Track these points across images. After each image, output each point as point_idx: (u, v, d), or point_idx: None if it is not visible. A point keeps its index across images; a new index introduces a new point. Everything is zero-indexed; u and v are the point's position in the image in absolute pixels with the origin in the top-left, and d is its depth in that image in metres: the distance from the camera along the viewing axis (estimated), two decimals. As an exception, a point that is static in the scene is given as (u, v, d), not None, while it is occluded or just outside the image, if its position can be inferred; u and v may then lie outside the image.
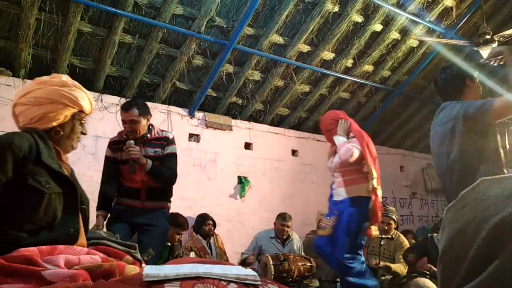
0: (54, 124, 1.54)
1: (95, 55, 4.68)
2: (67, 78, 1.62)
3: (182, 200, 5.10)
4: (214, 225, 4.82)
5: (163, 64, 5.08)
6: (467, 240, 0.54)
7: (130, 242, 1.60)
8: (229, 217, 5.56)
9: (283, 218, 4.94)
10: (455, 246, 0.56)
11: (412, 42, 6.04)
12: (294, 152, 6.48)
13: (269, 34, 5.10)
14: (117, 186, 3.18)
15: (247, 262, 4.65)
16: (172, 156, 3.28)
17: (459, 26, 6.03)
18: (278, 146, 6.24)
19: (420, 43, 6.07)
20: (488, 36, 4.68)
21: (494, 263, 0.49)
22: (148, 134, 3.19)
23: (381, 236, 4.15)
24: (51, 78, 1.59)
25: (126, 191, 3.16)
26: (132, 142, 3.00)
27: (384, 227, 4.38)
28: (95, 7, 4.22)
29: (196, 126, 5.57)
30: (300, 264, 4.28)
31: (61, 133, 1.57)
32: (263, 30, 5.12)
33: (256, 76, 5.60)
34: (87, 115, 1.69)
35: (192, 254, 4.31)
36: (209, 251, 4.58)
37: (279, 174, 6.16)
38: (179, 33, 4.78)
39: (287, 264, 4.18)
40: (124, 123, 3.10)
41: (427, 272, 3.95)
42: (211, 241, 4.72)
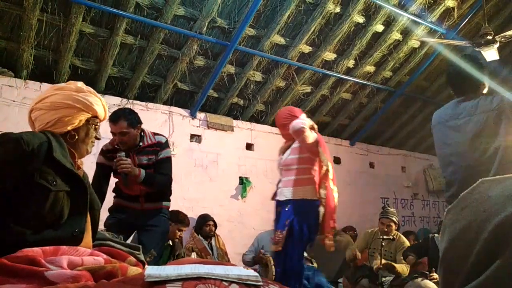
0: (69, 128, 1.59)
1: (97, 56, 4.69)
2: (82, 85, 1.68)
3: (183, 201, 5.10)
4: (215, 225, 4.82)
5: (165, 65, 5.09)
6: (468, 241, 0.54)
7: (133, 244, 1.61)
8: (230, 217, 5.56)
9: None
10: (457, 247, 0.56)
11: (413, 43, 6.04)
12: (295, 153, 6.47)
13: (270, 35, 5.10)
14: (105, 193, 3.11)
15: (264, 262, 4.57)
16: (166, 160, 3.15)
17: (461, 26, 6.02)
18: (279, 146, 6.23)
19: (422, 43, 6.07)
20: (489, 37, 4.67)
21: (496, 263, 0.49)
22: (140, 142, 3.08)
23: (382, 237, 4.16)
24: (68, 84, 1.65)
25: (125, 196, 3.14)
26: (123, 154, 2.93)
27: (384, 229, 4.38)
28: (97, 8, 4.23)
29: (197, 126, 5.57)
30: (301, 264, 4.27)
31: (76, 137, 1.61)
32: (265, 31, 5.13)
33: (258, 76, 5.60)
34: (101, 120, 1.73)
35: (193, 255, 4.32)
36: (210, 251, 4.58)
37: (281, 174, 6.15)
38: (181, 34, 4.79)
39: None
40: (113, 134, 3.01)
41: (427, 273, 3.95)
42: (212, 241, 4.73)
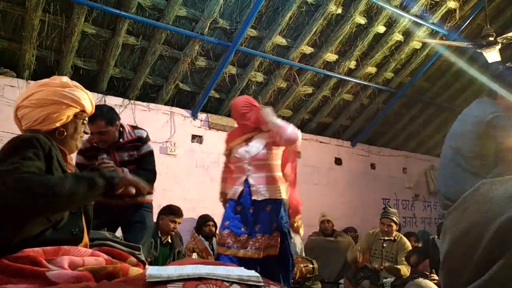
0: (57, 125, 1.56)
1: (98, 56, 4.70)
2: (67, 79, 1.63)
3: (184, 201, 5.10)
4: (215, 226, 4.82)
5: (166, 66, 5.09)
6: (471, 242, 0.54)
7: (133, 243, 1.61)
8: (231, 218, 5.55)
9: None
10: (459, 249, 0.56)
11: (415, 44, 6.03)
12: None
13: (272, 36, 5.11)
14: None
15: None
16: (148, 155, 3.05)
17: (462, 28, 6.02)
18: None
19: (423, 45, 6.06)
20: (491, 38, 4.68)
21: (498, 263, 0.49)
22: (120, 138, 2.97)
23: (384, 238, 4.15)
24: (52, 80, 1.60)
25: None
26: (105, 156, 2.87)
27: (385, 229, 4.38)
28: (99, 8, 4.23)
29: (199, 127, 5.58)
30: (302, 265, 4.28)
31: (64, 133, 1.58)
32: (266, 32, 5.13)
33: (259, 77, 5.61)
34: (88, 114, 1.70)
35: (194, 255, 4.32)
36: (211, 252, 4.58)
37: (282, 175, 6.15)
38: (183, 34, 4.80)
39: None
40: (91, 134, 2.86)
41: (427, 273, 3.94)
42: (214, 242, 4.73)
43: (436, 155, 7.91)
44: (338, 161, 6.99)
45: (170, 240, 4.12)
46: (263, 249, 2.72)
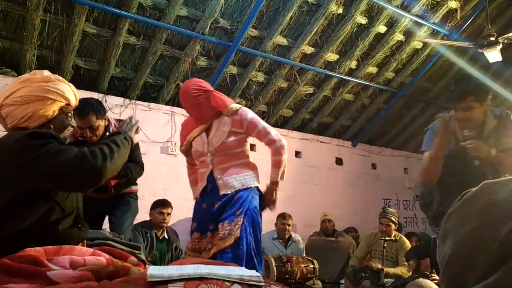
0: (44, 120, 1.55)
1: (99, 56, 4.70)
2: (48, 73, 1.61)
3: (185, 201, 5.09)
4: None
5: (167, 66, 5.09)
6: (475, 247, 0.53)
7: (134, 243, 1.61)
8: (232, 218, 5.55)
9: (283, 217, 5.00)
10: (462, 253, 0.55)
11: (416, 44, 6.03)
12: (297, 154, 6.47)
13: (273, 36, 5.10)
14: None
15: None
16: (136, 148, 3.05)
17: (464, 28, 6.01)
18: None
19: (424, 44, 6.06)
20: (492, 38, 4.68)
21: (504, 267, 0.48)
22: (106, 132, 2.96)
23: (384, 238, 4.15)
24: (33, 75, 1.58)
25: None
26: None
27: (383, 229, 4.38)
28: (100, 8, 4.24)
29: (199, 127, 5.57)
30: (302, 265, 4.28)
31: (51, 128, 1.57)
32: (267, 32, 5.13)
33: (260, 77, 5.60)
34: (73, 107, 1.69)
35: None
36: (212, 252, 4.58)
37: (283, 175, 6.14)
38: (183, 34, 4.80)
39: (289, 265, 4.17)
40: (80, 129, 2.83)
41: (428, 273, 3.93)
42: (214, 242, 4.73)
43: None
44: (339, 161, 6.99)
45: (166, 236, 4.14)
46: (224, 238, 2.36)
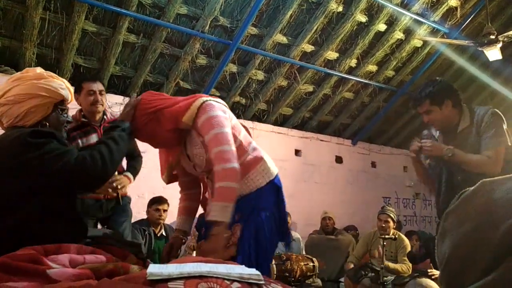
0: (39, 118, 1.54)
1: (99, 54, 4.70)
2: (41, 70, 1.60)
3: (185, 200, 5.11)
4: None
5: (167, 64, 5.09)
6: (474, 246, 0.53)
7: (134, 241, 1.61)
8: (232, 216, 5.55)
9: None
10: (461, 252, 0.55)
11: (416, 42, 6.03)
12: (297, 152, 6.48)
13: (273, 34, 5.10)
14: None
15: None
16: (135, 141, 3.05)
17: (464, 26, 6.01)
18: (281, 146, 6.24)
19: (424, 43, 6.06)
20: (492, 36, 4.67)
21: (503, 264, 0.48)
22: (104, 116, 2.85)
23: (384, 236, 4.15)
24: (25, 73, 1.57)
25: None
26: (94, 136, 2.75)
27: (382, 225, 4.38)
28: (99, 6, 4.23)
29: (199, 125, 5.56)
30: (302, 263, 4.29)
31: (47, 126, 1.57)
32: (267, 30, 5.12)
33: (260, 75, 5.60)
34: (68, 103, 1.68)
35: (194, 253, 4.32)
36: (212, 250, 4.58)
37: (282, 174, 6.08)
38: (183, 32, 4.79)
39: (289, 263, 4.18)
40: (89, 94, 2.68)
41: (427, 271, 3.94)
42: (214, 240, 4.73)
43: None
44: (339, 159, 6.99)
45: (164, 233, 4.14)
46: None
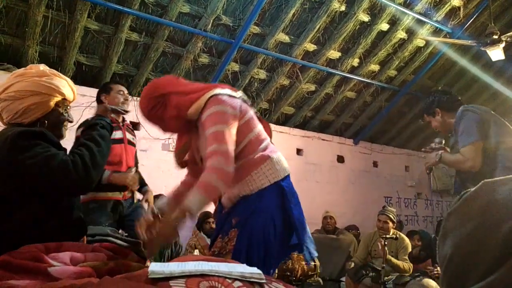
0: (39, 115, 1.53)
1: (101, 52, 4.70)
2: (44, 67, 1.59)
3: (186, 198, 5.11)
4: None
5: (169, 62, 5.09)
6: (477, 246, 0.53)
7: (135, 240, 1.61)
8: (233, 215, 5.56)
9: None
10: (463, 252, 0.55)
11: (418, 42, 6.01)
12: (299, 151, 6.47)
13: (275, 33, 5.09)
14: None
15: None
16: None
17: (467, 26, 5.99)
18: (283, 145, 6.23)
19: (427, 42, 6.04)
20: (495, 36, 4.66)
21: (504, 266, 0.48)
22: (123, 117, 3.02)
23: (385, 236, 4.14)
24: (28, 69, 1.56)
25: (104, 186, 2.71)
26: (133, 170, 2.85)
27: (381, 225, 4.37)
28: (102, 5, 4.23)
29: (201, 124, 5.57)
30: (303, 263, 4.28)
31: (46, 124, 1.56)
32: (269, 29, 5.12)
33: (262, 74, 5.60)
34: (70, 102, 1.66)
35: (196, 252, 4.33)
36: (213, 249, 4.59)
37: (284, 173, 6.14)
38: (185, 31, 4.79)
39: (290, 263, 4.18)
40: (119, 94, 2.92)
41: (429, 271, 3.93)
42: (215, 239, 4.74)
43: (438, 154, 7.87)
44: (341, 159, 6.98)
45: None
46: (218, 255, 1.73)
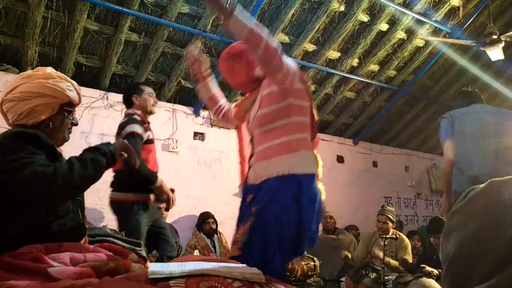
0: (43, 117, 1.54)
1: (101, 53, 4.70)
2: (51, 70, 1.60)
3: (186, 199, 5.11)
4: (216, 223, 4.83)
5: (169, 63, 5.09)
6: (479, 246, 0.52)
7: (135, 240, 1.61)
8: (233, 215, 5.52)
9: None
10: (466, 252, 0.55)
11: (418, 42, 6.01)
12: (298, 151, 6.47)
13: (274, 33, 5.09)
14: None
15: None
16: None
17: (466, 26, 5.99)
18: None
19: (426, 42, 6.04)
20: (494, 36, 4.66)
21: (508, 268, 0.48)
22: None
23: (385, 236, 4.14)
24: (35, 71, 1.58)
25: (139, 182, 2.83)
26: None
27: (380, 226, 4.37)
28: (101, 5, 4.23)
29: (201, 124, 5.57)
30: (303, 263, 4.28)
31: (50, 126, 1.56)
32: (269, 29, 5.11)
33: (261, 75, 5.59)
34: (76, 105, 1.67)
35: (196, 252, 4.33)
36: (213, 249, 4.59)
37: (284, 173, 6.14)
38: (185, 31, 4.79)
39: (290, 263, 4.17)
40: (151, 96, 3.17)
41: (429, 272, 3.93)
42: (215, 239, 4.74)
43: (438, 154, 7.89)
44: (340, 159, 6.98)
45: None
46: (237, 242, 1.79)
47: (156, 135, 5.05)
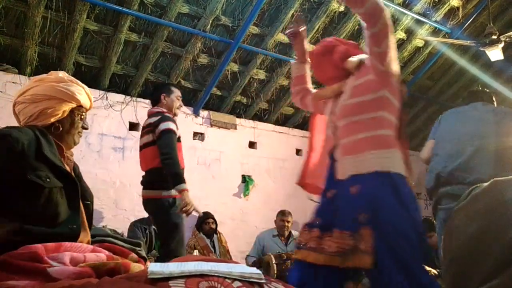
0: (53, 120, 1.56)
1: (100, 53, 4.70)
2: (63, 74, 1.63)
3: (186, 199, 5.10)
4: (215, 223, 4.84)
5: (168, 63, 5.09)
6: (481, 246, 0.52)
7: (135, 240, 1.61)
8: (233, 215, 5.56)
9: (282, 213, 5.03)
10: (468, 251, 0.54)
11: (417, 42, 6.01)
12: (298, 151, 6.47)
13: (274, 33, 5.09)
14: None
15: None
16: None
17: (465, 26, 6.00)
18: (282, 145, 6.24)
19: (426, 43, 6.05)
20: (494, 37, 4.67)
21: (508, 270, 0.48)
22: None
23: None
24: (48, 75, 1.61)
25: (168, 180, 2.92)
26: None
27: None
28: (101, 5, 4.23)
29: (200, 124, 5.57)
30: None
31: (60, 128, 1.58)
32: (269, 29, 5.12)
33: (261, 75, 5.60)
34: (87, 109, 1.69)
35: (195, 252, 4.33)
36: (212, 249, 4.59)
37: (283, 173, 6.15)
38: (185, 31, 4.79)
39: (290, 263, 4.18)
40: (178, 99, 3.32)
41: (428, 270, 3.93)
42: (215, 239, 4.75)
43: (438, 154, 7.88)
44: (340, 159, 6.98)
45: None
46: (343, 253, 1.57)
47: (156, 135, 5.07)
